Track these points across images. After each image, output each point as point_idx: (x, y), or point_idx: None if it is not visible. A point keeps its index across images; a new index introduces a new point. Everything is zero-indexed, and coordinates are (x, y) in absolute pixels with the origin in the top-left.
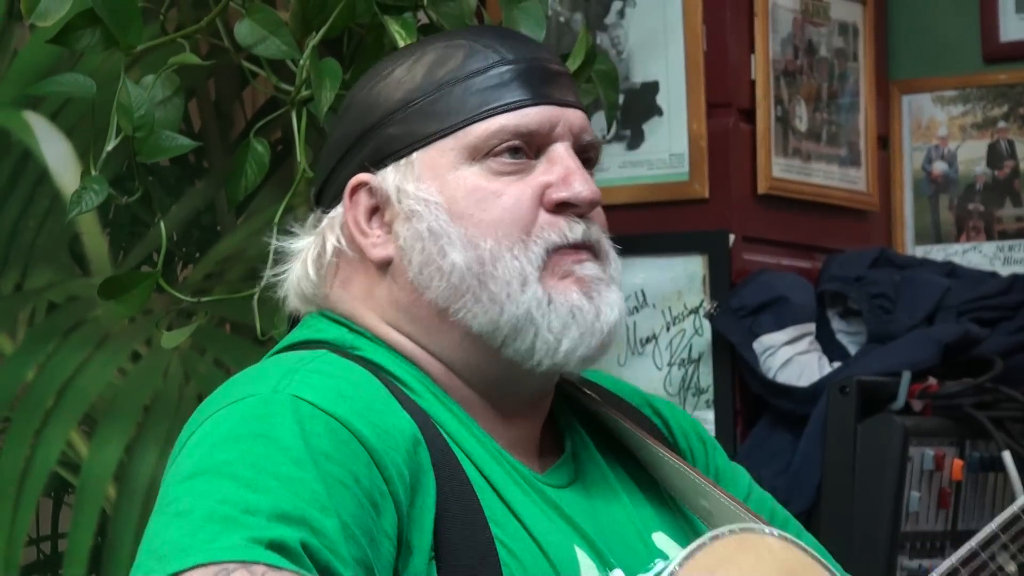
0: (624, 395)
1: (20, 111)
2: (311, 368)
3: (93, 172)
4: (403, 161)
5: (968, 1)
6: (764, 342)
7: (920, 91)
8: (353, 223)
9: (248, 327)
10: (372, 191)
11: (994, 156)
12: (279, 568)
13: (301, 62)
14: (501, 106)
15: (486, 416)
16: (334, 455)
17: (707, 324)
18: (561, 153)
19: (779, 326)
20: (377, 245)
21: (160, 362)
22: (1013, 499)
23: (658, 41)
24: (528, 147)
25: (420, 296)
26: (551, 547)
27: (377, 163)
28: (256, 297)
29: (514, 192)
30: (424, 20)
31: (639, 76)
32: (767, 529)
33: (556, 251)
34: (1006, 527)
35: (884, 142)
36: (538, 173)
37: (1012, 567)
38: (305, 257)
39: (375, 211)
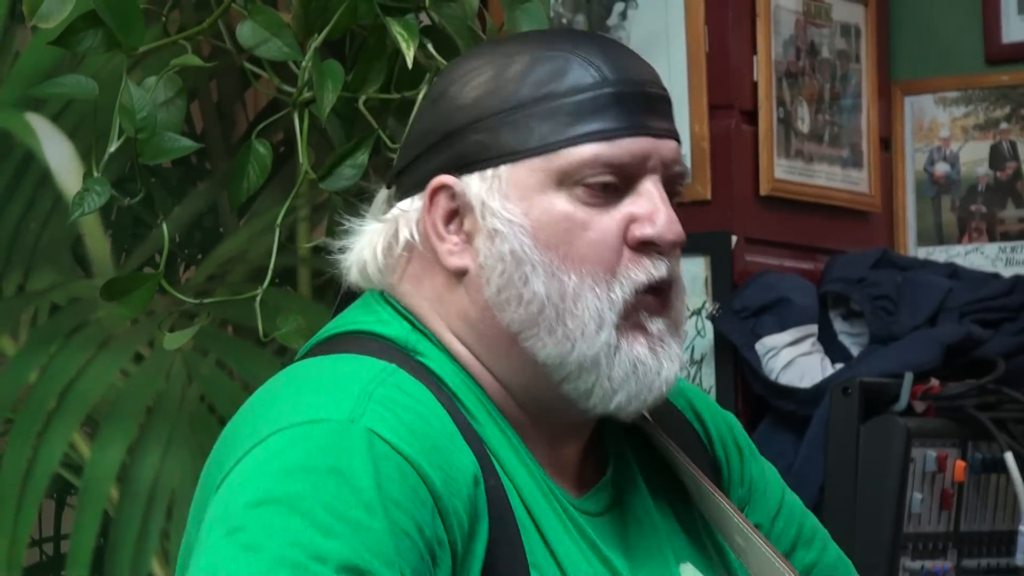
0: (669, 396)
1: (22, 113)
2: (386, 395)
3: (95, 174)
4: (490, 172)
5: (970, 2)
6: (766, 343)
7: (922, 92)
8: (431, 224)
9: (250, 329)
10: (454, 195)
11: (996, 157)
12: None
13: (303, 64)
14: (597, 133)
15: (534, 437)
16: (403, 502)
17: (709, 325)
18: (650, 189)
19: (781, 327)
20: (454, 253)
21: (162, 363)
22: (1016, 500)
23: (660, 42)
24: (618, 178)
25: (492, 316)
26: None
27: (461, 167)
28: (259, 298)
29: (600, 226)
30: (426, 21)
31: None
32: None
33: (637, 296)
34: None
35: (886, 143)
36: (624, 204)
37: None
38: (376, 243)
39: (453, 214)
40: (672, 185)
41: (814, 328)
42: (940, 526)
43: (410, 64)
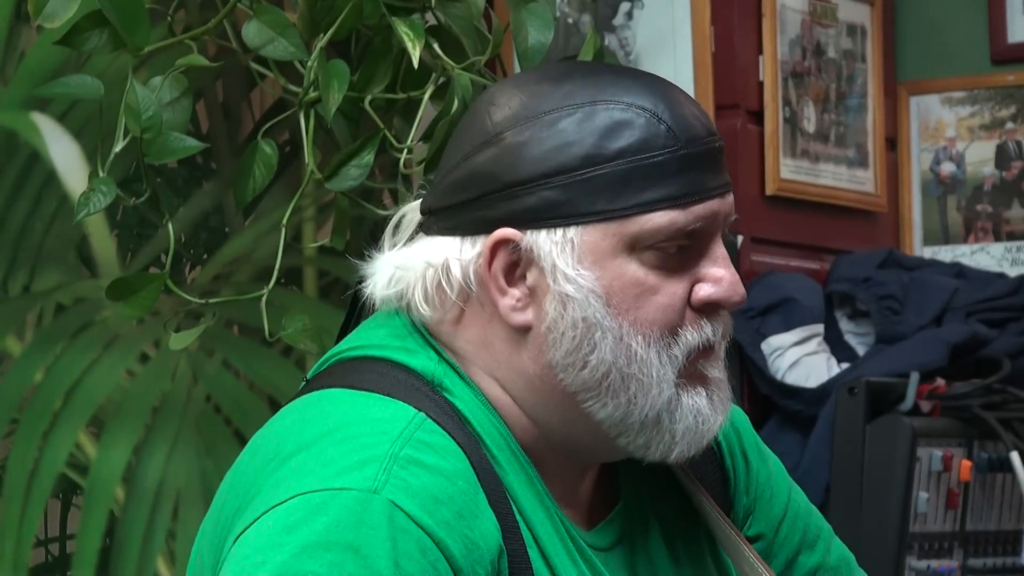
0: None
1: (28, 112)
2: (411, 456)
3: (101, 174)
4: (559, 232)
5: (976, 2)
6: (772, 343)
7: (928, 92)
8: (491, 277)
9: (256, 329)
10: (516, 249)
11: (1002, 157)
12: None
13: (309, 63)
14: (672, 200)
15: (552, 471)
16: None
17: None
18: (716, 252)
19: (787, 327)
20: (517, 309)
21: (168, 364)
22: (1021, 500)
23: (666, 42)
24: (690, 243)
25: (554, 377)
26: None
27: (527, 222)
28: (264, 298)
29: (669, 290)
30: (432, 21)
31: None
32: None
33: (692, 356)
34: None
35: (892, 143)
36: (692, 266)
37: None
38: (426, 280)
39: (514, 266)
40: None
41: (820, 328)
42: (946, 525)
43: (416, 64)
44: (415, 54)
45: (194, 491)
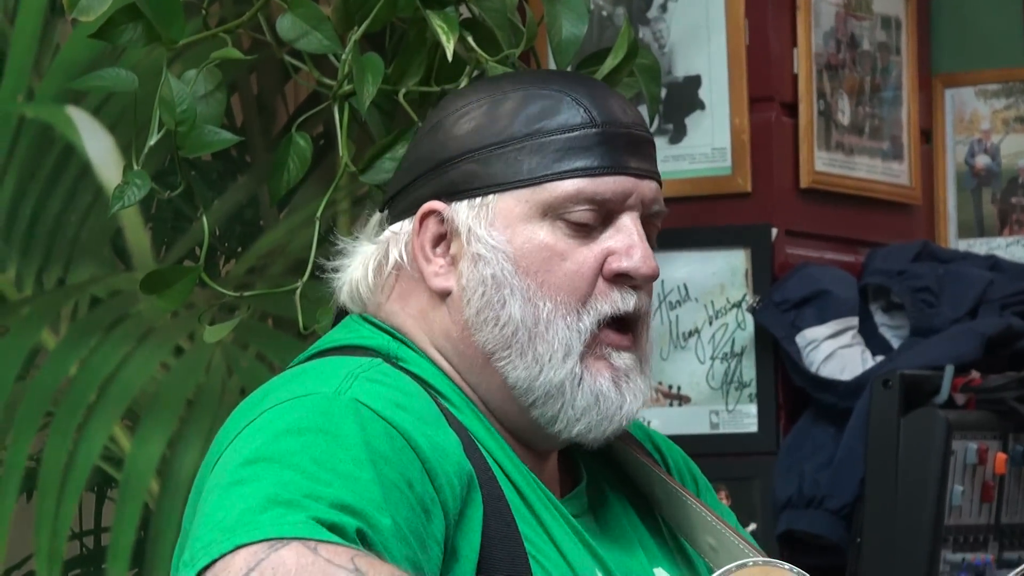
0: (629, 429)
1: (63, 106)
2: (369, 376)
3: (135, 167)
4: (478, 200)
5: None
6: (807, 336)
7: (963, 85)
8: (419, 247)
9: (290, 321)
10: (442, 220)
11: None
12: (338, 544)
13: (343, 56)
14: (581, 170)
15: (514, 445)
16: (391, 459)
17: (750, 318)
18: (628, 224)
19: (822, 320)
20: (439, 275)
21: (202, 357)
22: None
23: (700, 35)
24: (598, 213)
25: (470, 335)
26: (580, 569)
27: (451, 194)
28: (298, 291)
29: (579, 257)
30: (466, 14)
31: (681, 70)
32: (786, 565)
33: (603, 327)
34: None
35: (927, 136)
36: (603, 239)
37: None
38: (367, 263)
39: (441, 238)
40: (650, 223)
41: (854, 320)
42: (981, 518)
43: (450, 57)
44: (449, 47)
45: None
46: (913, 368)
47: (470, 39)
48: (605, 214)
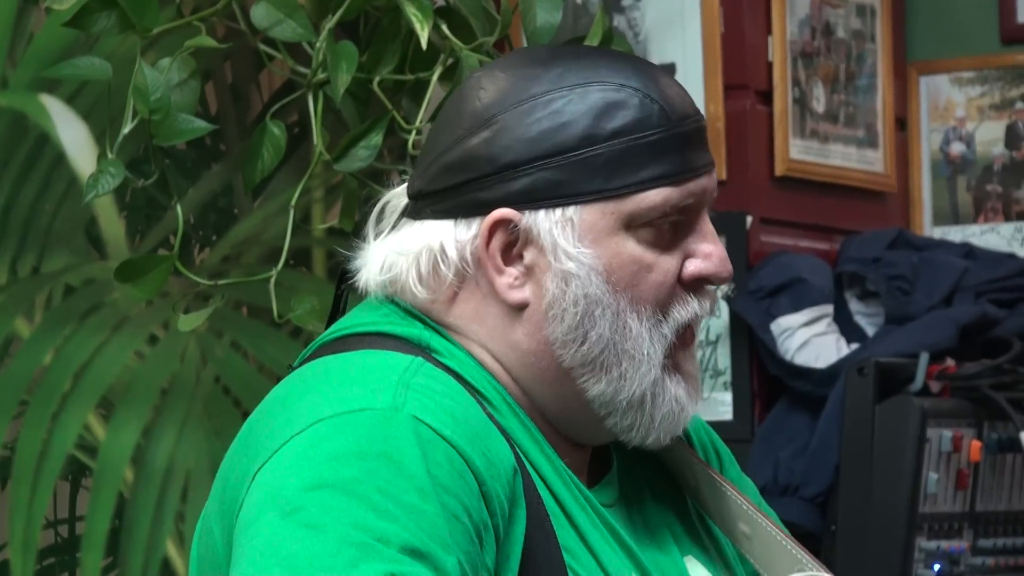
0: None
1: (36, 94)
2: (422, 384)
3: (109, 155)
4: (559, 212)
5: None
6: (782, 324)
7: (938, 72)
8: (489, 256)
9: (265, 310)
10: (513, 228)
11: (1012, 137)
12: None
13: (317, 45)
14: (665, 177)
15: (550, 435)
16: (452, 487)
17: (724, 306)
18: (704, 226)
19: (796, 308)
20: (514, 287)
21: (177, 345)
22: None
23: (675, 23)
24: (684, 219)
25: (551, 351)
26: (615, 573)
27: (525, 203)
28: (273, 280)
29: (663, 266)
30: (440, 2)
31: (656, 58)
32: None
33: (679, 335)
34: None
35: (902, 123)
36: (683, 242)
37: None
38: (420, 262)
39: (510, 246)
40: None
41: (829, 308)
42: (956, 506)
43: (424, 45)
44: (423, 35)
45: (203, 472)
46: (888, 356)
47: (444, 27)
48: (688, 219)
